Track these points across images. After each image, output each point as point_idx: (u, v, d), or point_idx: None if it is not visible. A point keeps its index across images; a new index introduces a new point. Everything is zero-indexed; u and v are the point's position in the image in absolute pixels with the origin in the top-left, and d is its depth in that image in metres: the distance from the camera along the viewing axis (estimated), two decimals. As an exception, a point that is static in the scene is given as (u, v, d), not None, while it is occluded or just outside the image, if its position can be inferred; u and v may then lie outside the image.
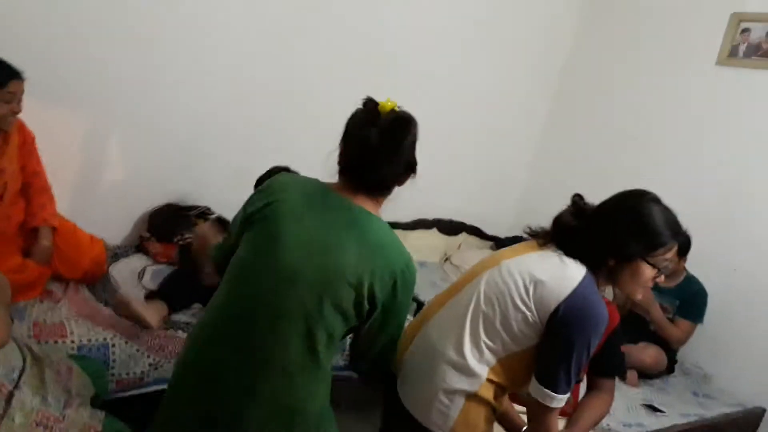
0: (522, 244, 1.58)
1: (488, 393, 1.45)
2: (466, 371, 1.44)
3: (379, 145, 1.34)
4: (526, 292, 1.42)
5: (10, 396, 1.37)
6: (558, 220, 1.53)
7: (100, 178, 2.76)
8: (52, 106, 2.49)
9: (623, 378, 2.61)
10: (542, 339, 1.42)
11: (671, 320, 2.75)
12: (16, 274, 2.02)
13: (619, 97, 3.66)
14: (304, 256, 1.32)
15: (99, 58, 2.55)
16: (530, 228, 1.60)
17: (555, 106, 4.12)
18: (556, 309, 1.38)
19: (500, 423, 1.66)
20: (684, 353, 2.95)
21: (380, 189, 1.41)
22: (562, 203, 1.58)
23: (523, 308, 1.41)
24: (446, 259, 3.91)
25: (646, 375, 2.72)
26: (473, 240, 4.12)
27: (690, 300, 2.76)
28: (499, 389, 1.47)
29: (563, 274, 1.42)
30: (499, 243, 4.10)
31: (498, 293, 1.46)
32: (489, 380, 1.44)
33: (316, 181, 1.44)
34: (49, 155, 2.34)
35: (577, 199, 1.54)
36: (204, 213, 2.94)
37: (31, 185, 2.27)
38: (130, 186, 2.85)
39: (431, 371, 1.49)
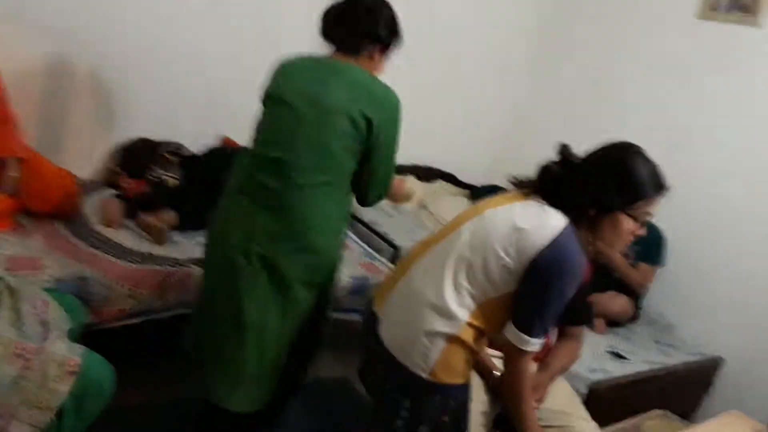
0: (506, 194, 1.59)
1: (468, 336, 1.47)
2: (447, 314, 1.46)
3: (341, 12, 1.76)
4: (508, 239, 1.44)
5: (-14, 327, 1.35)
6: (544, 170, 1.53)
7: (67, 108, 2.66)
8: (11, 28, 2.35)
9: (591, 326, 2.69)
10: (520, 285, 1.44)
11: (633, 266, 2.84)
12: (-16, 205, 1.97)
13: (598, 50, 3.63)
14: (304, 102, 1.69)
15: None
16: (515, 178, 1.60)
17: (534, 54, 4.07)
18: (535, 257, 1.40)
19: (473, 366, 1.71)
20: (648, 303, 3.04)
21: (351, 48, 1.76)
22: (539, 152, 1.59)
23: (504, 255, 1.43)
24: (422, 206, 3.92)
25: (613, 323, 2.81)
26: (449, 187, 4.12)
27: (649, 244, 2.81)
28: (479, 333, 1.50)
29: (544, 223, 1.43)
30: (474, 191, 4.12)
31: (480, 241, 1.47)
32: (469, 324, 1.47)
33: (308, 54, 1.81)
34: (11, 83, 2.22)
35: (564, 149, 1.54)
36: (175, 151, 2.88)
37: (-5, 115, 2.18)
38: (98, 118, 2.76)
39: (413, 314, 1.51)
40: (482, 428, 1.70)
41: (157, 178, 2.72)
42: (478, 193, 4.08)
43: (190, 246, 2.43)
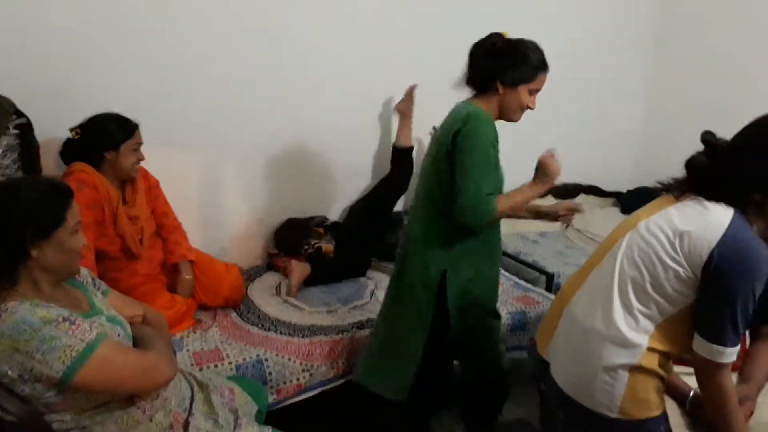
0: (656, 201, 1.48)
1: (652, 362, 1.36)
2: (624, 343, 1.37)
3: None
4: (672, 246, 1.33)
5: (187, 424, 1.47)
6: (690, 164, 1.41)
7: (221, 207, 2.92)
8: (169, 149, 2.64)
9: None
10: (700, 292, 1.32)
11: None
12: (168, 309, 2.17)
13: (733, 21, 3.36)
14: None
15: (203, 100, 2.71)
16: (661, 182, 1.49)
17: (661, 43, 3.86)
18: (710, 257, 1.28)
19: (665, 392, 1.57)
20: None
21: (475, 87, 1.95)
22: (684, 145, 1.47)
23: (673, 264, 1.32)
24: (567, 226, 3.76)
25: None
26: (593, 199, 3.94)
27: None
28: (664, 357, 1.38)
29: (709, 219, 1.32)
30: (621, 198, 3.90)
31: (642, 255, 1.37)
32: (650, 349, 1.36)
33: None
34: (172, 195, 2.50)
35: (709, 137, 1.41)
36: (322, 222, 3.04)
37: (164, 226, 2.43)
38: (249, 210, 3.00)
39: (585, 351, 1.43)
40: (689, 456, 1.54)
41: (313, 248, 2.88)
42: (627, 199, 3.86)
43: (346, 312, 2.53)
